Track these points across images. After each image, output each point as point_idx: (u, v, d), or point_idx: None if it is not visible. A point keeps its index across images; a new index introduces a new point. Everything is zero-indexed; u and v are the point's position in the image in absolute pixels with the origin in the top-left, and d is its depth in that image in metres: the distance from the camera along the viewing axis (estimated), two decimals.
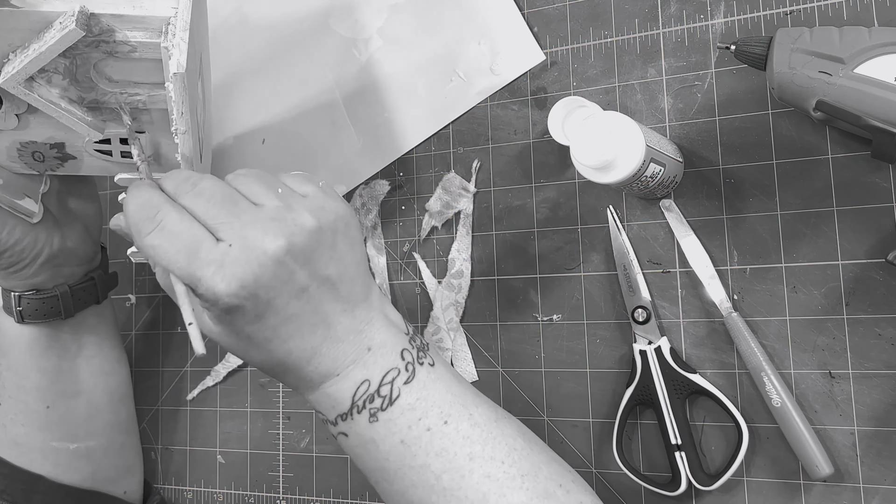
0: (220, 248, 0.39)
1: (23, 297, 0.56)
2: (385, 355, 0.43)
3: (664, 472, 0.53)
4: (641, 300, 0.54)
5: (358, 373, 0.43)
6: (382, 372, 0.43)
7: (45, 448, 0.61)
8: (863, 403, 0.48)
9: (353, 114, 0.65)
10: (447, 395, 0.44)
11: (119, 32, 0.46)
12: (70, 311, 0.59)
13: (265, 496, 0.66)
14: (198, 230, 0.40)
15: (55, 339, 0.59)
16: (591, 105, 0.55)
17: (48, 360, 0.59)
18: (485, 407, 0.45)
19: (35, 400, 0.60)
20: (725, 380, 0.52)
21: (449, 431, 0.43)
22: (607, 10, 0.57)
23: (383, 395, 0.42)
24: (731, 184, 0.53)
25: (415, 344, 0.45)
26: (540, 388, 0.57)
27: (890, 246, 0.48)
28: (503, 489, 0.42)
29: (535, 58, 0.59)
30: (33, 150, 0.52)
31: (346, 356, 0.43)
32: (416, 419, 0.43)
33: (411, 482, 0.43)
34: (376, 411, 0.43)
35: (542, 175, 0.58)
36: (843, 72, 0.44)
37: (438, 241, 0.62)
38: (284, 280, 0.40)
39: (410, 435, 0.42)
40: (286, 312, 0.41)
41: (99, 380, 0.63)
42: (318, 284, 0.41)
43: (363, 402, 0.43)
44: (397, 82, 0.64)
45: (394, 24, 0.64)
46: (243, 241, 0.39)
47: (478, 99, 0.61)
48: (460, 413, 0.43)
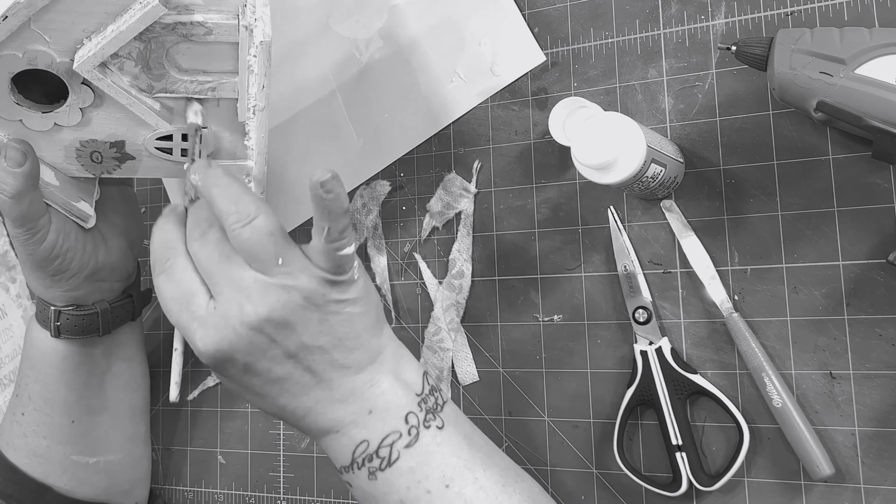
0: (208, 307, 0.41)
1: (62, 313, 0.55)
2: (386, 419, 0.43)
3: (665, 473, 0.53)
4: (642, 300, 0.54)
5: (357, 433, 0.43)
6: (382, 435, 0.42)
7: (65, 462, 0.60)
8: (863, 404, 0.48)
9: (353, 114, 0.65)
10: (452, 459, 0.43)
11: (197, 14, 0.46)
12: (108, 329, 0.58)
13: (265, 496, 0.66)
14: (195, 283, 0.41)
15: (87, 355, 0.59)
16: (591, 106, 0.55)
17: (78, 377, 0.59)
18: (494, 470, 0.44)
19: (61, 414, 0.59)
20: (726, 380, 0.52)
21: (450, 496, 0.42)
22: (608, 10, 0.57)
23: (382, 457, 0.42)
24: (731, 184, 0.53)
25: (425, 406, 0.44)
26: (541, 389, 0.57)
27: (891, 246, 0.48)
28: None
29: (536, 59, 0.59)
30: (92, 149, 0.51)
31: (345, 416, 0.43)
32: (415, 481, 0.42)
33: None
34: (375, 470, 0.42)
35: (543, 175, 0.58)
36: (843, 72, 0.44)
37: (439, 241, 0.62)
38: (262, 348, 0.41)
39: (409, 495, 0.42)
40: (269, 376, 0.42)
41: (124, 395, 0.63)
42: (308, 352, 0.42)
43: (362, 460, 0.43)
44: (398, 83, 0.64)
45: (394, 25, 0.64)
46: (226, 305, 0.40)
47: (478, 100, 0.61)
48: (465, 477, 0.42)
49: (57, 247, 0.51)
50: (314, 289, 0.41)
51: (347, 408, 0.43)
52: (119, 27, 0.45)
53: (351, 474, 0.43)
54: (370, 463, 0.42)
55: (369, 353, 0.43)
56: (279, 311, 0.40)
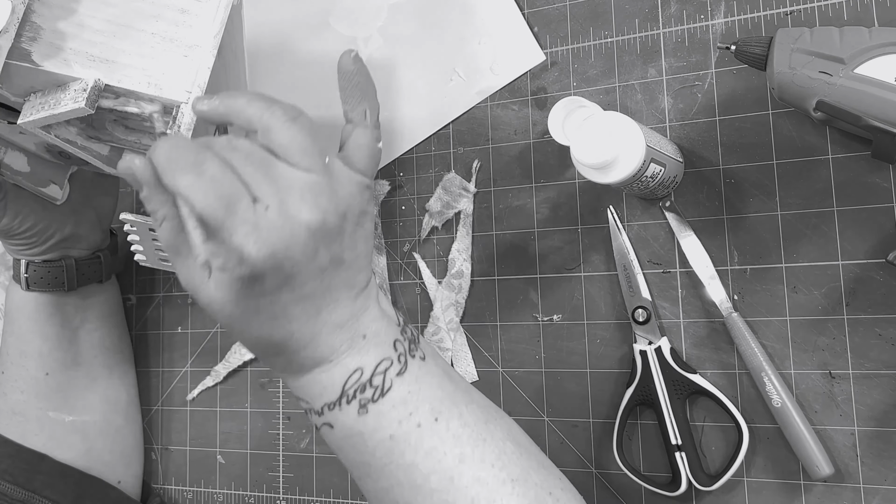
0: (258, 208, 0.36)
1: (30, 265, 0.59)
2: (379, 344, 0.41)
3: (664, 473, 0.53)
4: (642, 300, 0.54)
5: (351, 360, 0.41)
6: (376, 361, 0.41)
7: (42, 417, 0.62)
8: (863, 404, 0.48)
9: None
10: (438, 392, 0.42)
11: (132, 105, 0.45)
12: (73, 284, 0.61)
13: (265, 496, 0.66)
14: (237, 183, 0.37)
15: (59, 308, 0.61)
16: (591, 105, 0.55)
17: (51, 327, 0.61)
18: (475, 406, 0.43)
19: (35, 366, 0.61)
20: (725, 380, 0.52)
21: (439, 430, 0.41)
22: (607, 10, 0.57)
23: (375, 386, 0.41)
24: (731, 184, 0.53)
25: (406, 336, 0.43)
26: (540, 389, 0.57)
27: (890, 246, 0.48)
28: (493, 494, 0.40)
29: (536, 58, 0.59)
30: (59, 149, 0.53)
31: (341, 343, 0.41)
32: (406, 414, 0.41)
33: (397, 480, 0.41)
34: (367, 402, 0.41)
35: (543, 175, 0.58)
36: (843, 72, 0.44)
37: (438, 241, 0.62)
38: (310, 256, 0.38)
39: (400, 431, 0.41)
40: (301, 291, 0.39)
41: (98, 353, 0.64)
42: (334, 267, 0.40)
43: (354, 391, 0.41)
44: (397, 81, 0.64)
45: (394, 23, 0.64)
46: (282, 205, 0.37)
47: (478, 99, 0.61)
48: (451, 411, 0.42)
49: (13, 227, 0.55)
50: (355, 195, 0.39)
51: (345, 333, 0.41)
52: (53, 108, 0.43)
53: (337, 411, 0.41)
54: (362, 394, 0.41)
55: (367, 276, 0.42)
56: (332, 217, 0.38)
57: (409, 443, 0.41)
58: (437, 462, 0.40)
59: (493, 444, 0.42)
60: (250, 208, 0.36)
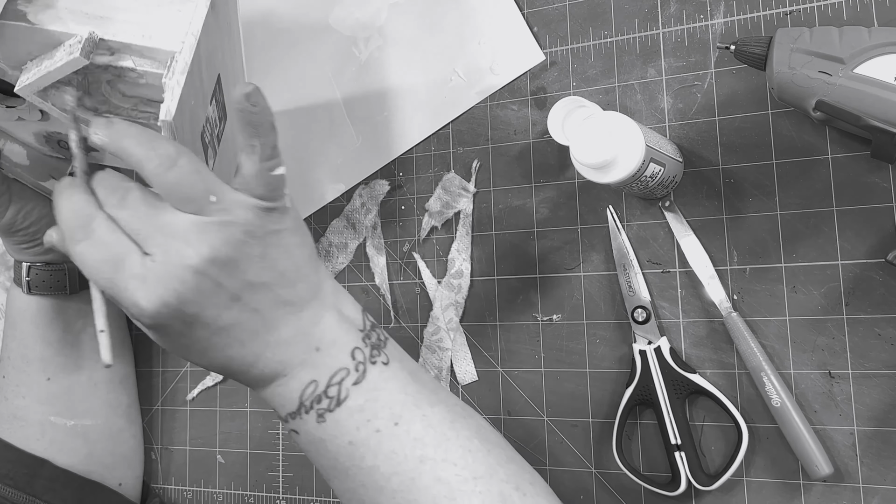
0: (145, 262, 0.38)
1: (32, 268, 0.59)
2: (334, 355, 0.42)
3: (664, 472, 0.53)
4: (641, 300, 0.54)
5: (305, 374, 0.41)
6: (330, 372, 0.41)
7: (44, 422, 0.61)
8: (862, 403, 0.48)
9: (352, 113, 0.65)
10: (400, 396, 0.42)
11: (126, 59, 0.45)
12: (75, 288, 0.61)
13: (265, 496, 0.66)
14: (124, 242, 0.38)
15: (61, 312, 0.61)
16: (590, 105, 0.55)
17: (53, 332, 0.61)
18: (441, 407, 0.43)
19: (37, 371, 0.61)
20: (725, 380, 0.52)
21: (399, 433, 0.41)
22: (607, 10, 0.57)
23: (331, 397, 0.41)
24: (730, 184, 0.53)
25: (369, 342, 0.43)
26: (540, 388, 0.57)
27: (890, 246, 0.48)
28: (454, 492, 0.41)
29: (535, 58, 0.59)
30: (59, 138, 0.53)
31: (292, 357, 0.41)
32: (364, 420, 0.41)
33: (361, 482, 0.42)
34: (324, 412, 0.41)
35: (542, 175, 0.58)
36: (842, 72, 0.44)
37: (438, 241, 0.62)
38: (209, 293, 0.39)
39: (359, 436, 0.41)
40: (218, 324, 0.40)
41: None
42: (252, 292, 0.40)
43: (310, 402, 0.41)
44: (397, 81, 0.64)
45: (394, 23, 0.64)
46: (164, 255, 0.38)
47: (477, 98, 0.61)
48: (413, 414, 0.42)
49: (16, 223, 0.55)
50: (252, 220, 0.39)
51: (294, 348, 0.41)
52: (49, 66, 0.44)
53: (299, 420, 0.42)
54: (319, 405, 0.41)
55: (310, 287, 0.42)
56: (222, 250, 0.38)
57: (368, 447, 0.41)
58: (397, 465, 0.41)
59: (457, 443, 0.42)
60: (138, 263, 0.38)
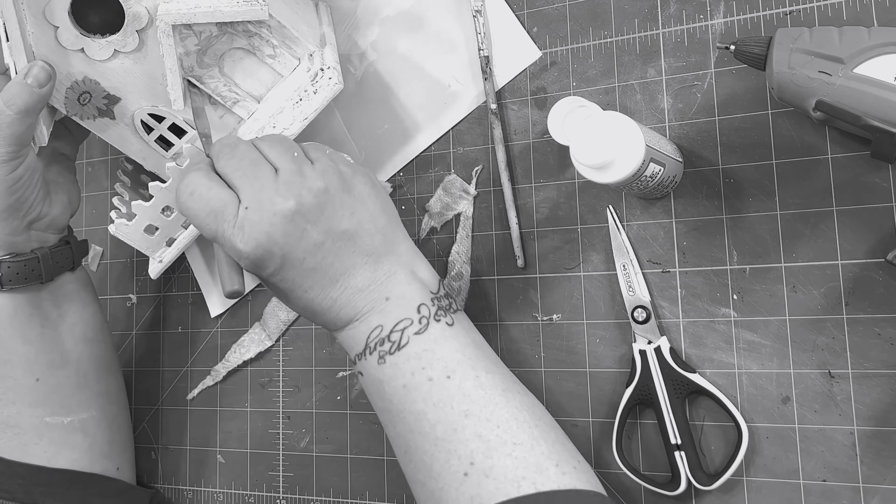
0: (240, 211, 0.45)
1: (3, 262, 0.57)
2: (402, 306, 0.47)
3: (664, 472, 0.53)
4: (641, 300, 0.54)
5: (374, 318, 0.47)
6: (396, 320, 0.47)
7: (40, 425, 0.60)
8: (862, 403, 0.48)
9: (352, 128, 0.65)
10: (457, 354, 0.47)
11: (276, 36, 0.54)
12: (49, 275, 0.59)
13: (265, 496, 0.66)
14: (224, 194, 0.46)
15: (37, 306, 0.59)
16: (590, 105, 0.55)
17: (32, 329, 0.59)
18: (496, 376, 0.47)
19: (23, 374, 0.59)
20: (725, 379, 0.52)
21: (449, 386, 0.46)
22: (607, 10, 0.57)
23: (393, 341, 0.46)
24: (730, 184, 0.53)
25: (437, 303, 0.48)
26: (540, 388, 0.57)
27: (889, 246, 0.48)
28: (490, 450, 0.44)
29: (532, 55, 0.59)
30: (85, 90, 0.54)
31: (364, 304, 0.47)
32: (419, 367, 0.46)
33: (409, 427, 0.46)
34: (385, 354, 0.47)
35: (542, 175, 0.58)
36: (842, 72, 0.44)
37: (438, 241, 0.62)
38: (296, 237, 0.45)
39: (412, 381, 0.46)
40: (303, 266, 0.46)
41: (84, 348, 0.63)
42: (333, 239, 0.46)
43: (374, 344, 0.47)
44: (395, 93, 0.64)
45: (386, 37, 0.64)
46: (258, 203, 0.45)
47: (477, 102, 0.61)
48: (466, 373, 0.46)
49: (23, 179, 0.54)
50: (333, 169, 0.47)
51: (367, 296, 0.47)
52: (218, 5, 0.49)
53: (364, 361, 0.48)
54: (381, 347, 0.47)
55: (387, 242, 0.48)
56: (308, 201, 0.45)
57: (419, 392, 0.46)
58: (443, 414, 0.45)
59: (505, 409, 0.45)
60: (235, 212, 0.45)
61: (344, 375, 0.64)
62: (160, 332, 0.72)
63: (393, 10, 0.64)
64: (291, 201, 0.45)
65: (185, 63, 0.54)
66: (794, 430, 0.50)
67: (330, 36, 0.59)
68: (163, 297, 0.72)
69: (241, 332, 0.68)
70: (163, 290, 0.72)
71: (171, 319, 0.72)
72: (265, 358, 0.67)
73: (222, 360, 0.68)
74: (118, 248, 0.75)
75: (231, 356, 0.68)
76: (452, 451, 0.44)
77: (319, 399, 0.65)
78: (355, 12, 0.65)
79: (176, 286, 0.71)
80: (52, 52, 0.52)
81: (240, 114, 0.59)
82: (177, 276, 0.72)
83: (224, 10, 0.50)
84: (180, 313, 0.71)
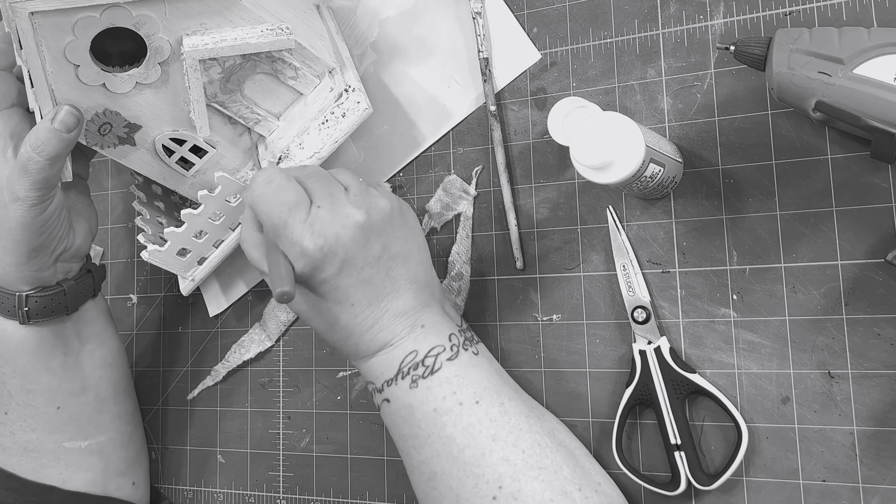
0: (312, 209, 0.47)
1: (30, 297, 0.56)
2: (435, 334, 0.49)
3: (664, 472, 0.53)
4: (641, 300, 0.54)
5: (408, 344, 0.49)
6: (430, 346, 0.49)
7: (58, 450, 0.60)
8: (862, 403, 0.48)
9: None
10: (484, 381, 0.49)
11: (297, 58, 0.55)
12: (74, 306, 0.59)
13: (265, 496, 0.66)
14: (301, 192, 0.48)
15: (59, 336, 0.59)
16: (590, 105, 0.55)
17: (55, 359, 0.59)
18: (519, 402, 0.50)
19: (45, 402, 0.59)
20: (725, 380, 0.52)
21: (478, 411, 0.47)
22: (607, 10, 0.57)
23: (427, 366, 0.49)
24: (730, 184, 0.53)
25: (464, 335, 0.51)
26: (540, 388, 0.57)
27: (889, 246, 0.48)
28: (518, 474, 0.45)
29: (531, 57, 0.59)
30: (105, 121, 0.54)
31: (402, 329, 0.49)
32: (451, 392, 0.48)
33: (436, 452, 0.47)
34: (418, 378, 0.48)
35: (542, 175, 0.58)
36: (842, 72, 0.44)
37: (438, 241, 0.62)
38: (361, 244, 0.47)
39: (444, 405, 0.48)
40: (360, 276, 0.48)
41: (103, 372, 0.63)
42: (389, 257, 0.48)
43: (408, 368, 0.49)
44: (395, 94, 0.64)
45: (386, 37, 0.64)
46: (332, 206, 0.47)
47: (476, 104, 0.61)
48: (493, 399, 0.48)
49: (52, 218, 0.54)
50: (387, 200, 0.50)
51: (406, 321, 0.49)
52: (244, 38, 0.50)
53: (394, 386, 0.49)
54: (415, 371, 0.49)
55: (427, 274, 0.51)
56: (376, 216, 0.48)
57: (449, 417, 0.47)
58: (472, 438, 0.47)
59: (528, 435, 0.48)
60: (307, 212, 0.47)
61: (344, 376, 0.64)
62: (160, 332, 0.72)
63: (393, 11, 0.64)
64: (363, 210, 0.47)
65: (208, 91, 0.55)
66: (793, 431, 0.50)
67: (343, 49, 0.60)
68: (163, 297, 0.72)
69: (241, 332, 0.68)
70: (163, 290, 0.72)
71: (171, 319, 0.72)
72: (265, 358, 0.68)
73: (222, 360, 0.68)
74: (118, 248, 0.75)
75: (231, 356, 0.68)
76: (480, 475, 0.46)
77: (319, 399, 0.65)
78: (355, 13, 0.65)
79: (176, 286, 0.71)
80: (73, 89, 0.51)
81: (261, 132, 0.59)
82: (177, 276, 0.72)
83: (251, 42, 0.50)
84: (180, 313, 0.71)
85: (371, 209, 0.48)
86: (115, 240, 0.74)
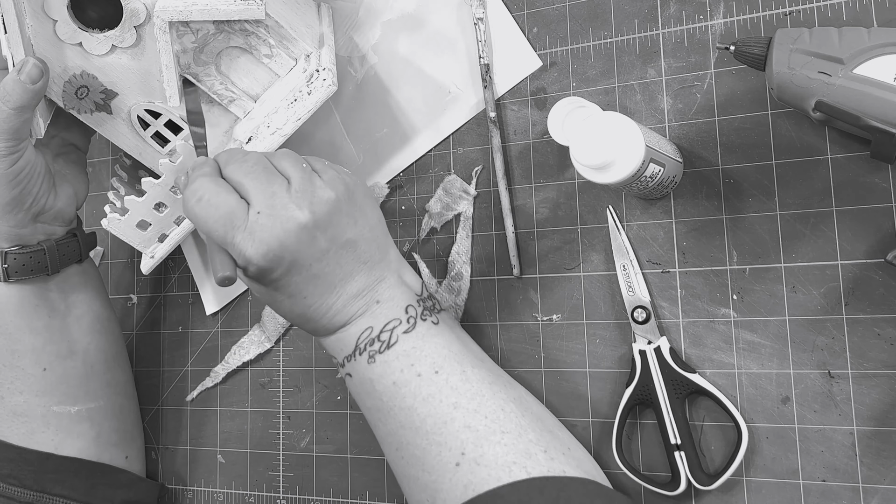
0: (251, 216, 0.46)
1: (9, 254, 0.57)
2: (390, 308, 0.49)
3: (664, 472, 0.53)
4: (641, 300, 0.54)
5: (364, 321, 0.49)
6: (385, 321, 0.49)
7: (47, 414, 0.61)
8: (862, 403, 0.48)
9: (351, 131, 0.65)
10: (443, 350, 0.49)
11: (273, 35, 0.55)
12: (56, 267, 0.59)
13: (265, 496, 0.66)
14: (233, 200, 0.46)
15: (43, 297, 0.60)
16: (590, 105, 0.55)
17: (39, 320, 0.60)
18: (482, 370, 0.49)
19: (31, 363, 0.60)
20: (725, 380, 0.52)
21: (438, 381, 0.47)
22: (607, 10, 0.57)
23: (382, 340, 0.49)
24: (730, 184, 0.53)
25: (422, 304, 0.50)
26: (540, 388, 0.57)
27: (889, 246, 0.48)
28: (480, 440, 0.46)
29: (532, 65, 0.59)
30: (82, 84, 0.55)
31: (357, 309, 0.49)
32: (408, 364, 0.48)
33: (400, 423, 0.48)
34: (374, 353, 0.49)
35: (542, 175, 0.58)
36: (842, 72, 0.44)
37: (438, 241, 0.62)
38: (307, 244, 0.46)
39: (402, 378, 0.48)
40: (309, 273, 0.47)
41: (91, 338, 0.63)
42: (338, 248, 0.48)
43: (364, 345, 0.49)
44: (395, 97, 0.64)
45: (388, 40, 0.64)
46: (271, 209, 0.46)
47: (476, 109, 0.61)
48: (453, 368, 0.48)
49: (24, 171, 0.54)
50: (342, 182, 0.48)
51: (360, 301, 0.49)
52: (215, 3, 0.50)
53: (353, 362, 0.49)
54: (371, 347, 0.49)
55: (381, 249, 0.50)
56: (321, 210, 0.47)
57: (409, 388, 0.48)
58: (432, 408, 0.47)
59: (492, 401, 0.48)
60: (244, 219, 0.46)
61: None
62: (160, 332, 0.72)
63: (395, 14, 0.64)
64: (306, 209, 0.46)
65: (181, 60, 0.55)
66: (793, 430, 0.50)
67: (329, 37, 0.59)
68: (163, 297, 0.72)
69: (241, 332, 0.68)
70: (163, 290, 0.73)
71: (171, 319, 0.72)
72: (265, 358, 0.68)
73: (222, 361, 0.68)
74: (119, 248, 0.75)
75: (231, 358, 0.68)
76: (443, 442, 0.46)
77: (319, 399, 0.65)
78: (357, 14, 0.65)
79: (176, 286, 0.71)
80: (51, 45, 0.52)
81: (236, 112, 0.59)
82: (177, 276, 0.72)
83: (221, 8, 0.50)
84: (180, 313, 0.71)
85: (315, 205, 0.46)
86: (115, 240, 0.74)
